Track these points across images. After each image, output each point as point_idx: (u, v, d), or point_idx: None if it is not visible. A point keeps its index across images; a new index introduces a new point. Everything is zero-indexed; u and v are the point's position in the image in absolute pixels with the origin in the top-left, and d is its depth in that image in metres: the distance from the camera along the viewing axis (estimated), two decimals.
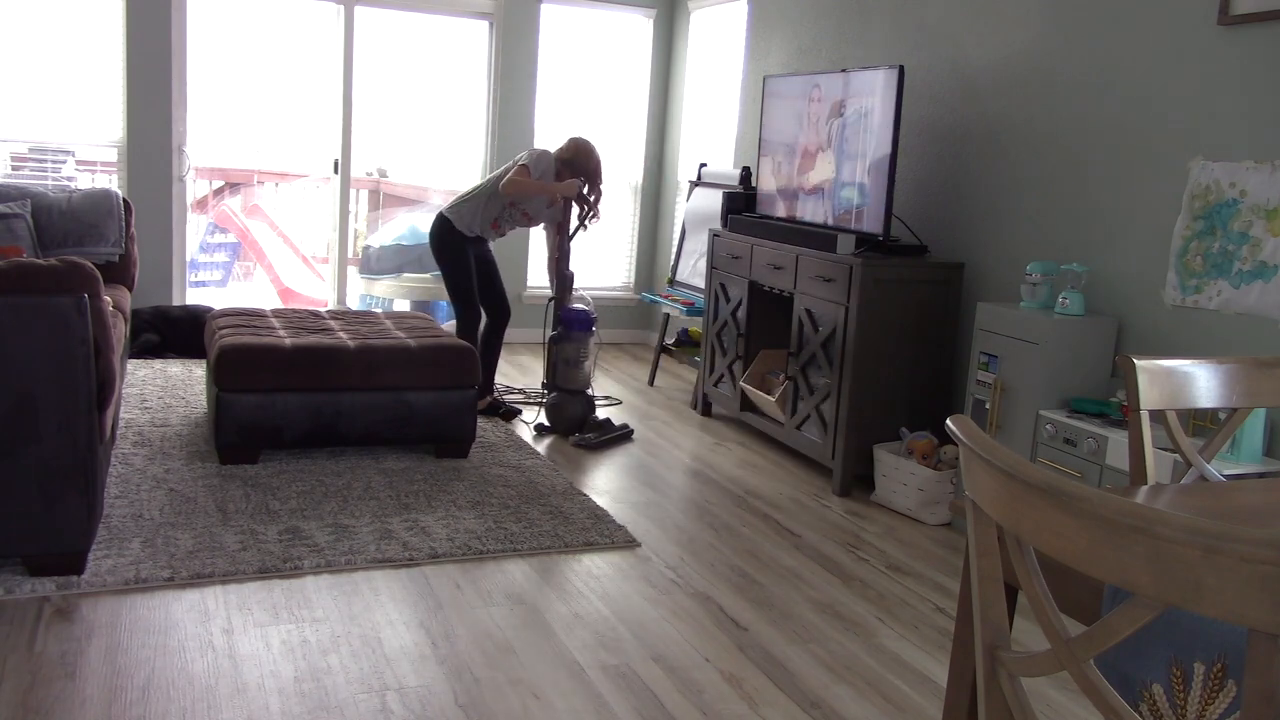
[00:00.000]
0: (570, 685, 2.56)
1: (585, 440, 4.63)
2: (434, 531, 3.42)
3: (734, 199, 5.38)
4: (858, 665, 2.78)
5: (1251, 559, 0.84)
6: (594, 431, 4.71)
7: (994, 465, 1.06)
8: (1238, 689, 1.12)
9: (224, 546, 3.17)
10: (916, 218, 4.61)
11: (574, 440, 4.66)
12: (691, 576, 3.28)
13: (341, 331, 4.38)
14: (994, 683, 1.15)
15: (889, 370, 4.20)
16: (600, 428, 4.73)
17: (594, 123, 6.99)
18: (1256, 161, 3.19)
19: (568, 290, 5.00)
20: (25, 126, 5.79)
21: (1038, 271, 3.73)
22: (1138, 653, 1.22)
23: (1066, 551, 0.99)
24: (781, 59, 5.70)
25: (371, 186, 7.59)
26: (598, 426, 4.74)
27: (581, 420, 4.77)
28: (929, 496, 3.96)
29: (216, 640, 2.63)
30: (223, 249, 7.80)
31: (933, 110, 4.56)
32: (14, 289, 2.69)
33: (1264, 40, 3.19)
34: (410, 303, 6.77)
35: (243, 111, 6.41)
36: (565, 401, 4.77)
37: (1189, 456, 2.00)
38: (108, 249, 4.97)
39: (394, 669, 2.56)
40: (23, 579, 2.85)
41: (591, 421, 4.77)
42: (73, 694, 2.35)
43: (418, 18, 6.51)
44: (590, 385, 4.84)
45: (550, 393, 4.83)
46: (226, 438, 3.90)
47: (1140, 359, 1.92)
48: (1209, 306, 3.32)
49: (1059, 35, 3.92)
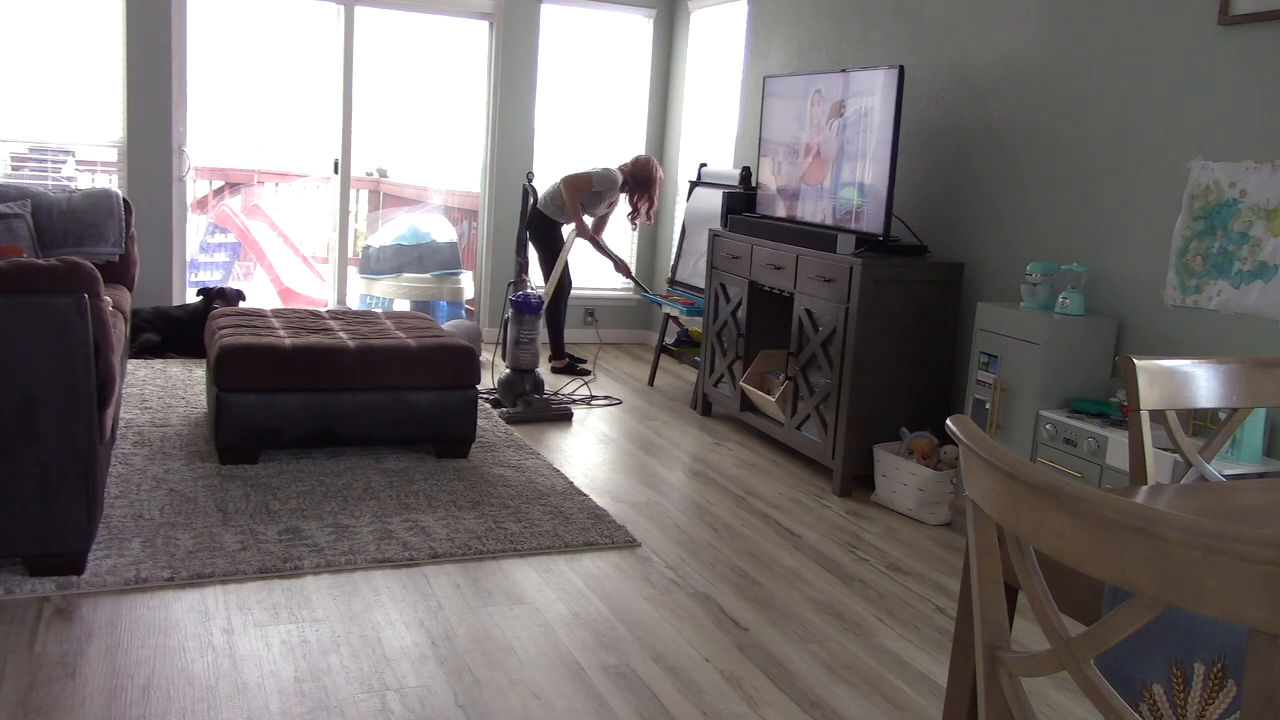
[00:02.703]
0: (570, 685, 2.56)
1: (510, 414, 4.98)
2: (434, 531, 3.42)
3: (734, 199, 5.38)
4: (858, 665, 2.78)
5: (1251, 559, 0.84)
6: (524, 407, 5.03)
7: (994, 465, 1.06)
8: (1238, 689, 1.12)
9: (224, 546, 3.17)
10: (916, 218, 4.61)
11: (500, 413, 5.01)
12: (691, 576, 3.28)
13: (341, 331, 4.38)
14: (994, 683, 1.15)
15: (889, 370, 4.20)
16: (531, 405, 5.02)
17: (594, 123, 7.00)
18: (1256, 161, 3.19)
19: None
20: (25, 126, 5.79)
21: (1038, 271, 3.73)
22: (1138, 653, 1.22)
23: (1066, 551, 0.99)
24: (781, 59, 5.70)
25: (371, 186, 7.60)
26: (529, 403, 5.03)
27: (522, 395, 5.10)
28: (929, 496, 3.96)
29: (216, 640, 2.63)
30: (223, 249, 7.80)
31: (933, 110, 4.56)
32: (14, 289, 2.69)
33: (1264, 40, 3.19)
34: (410, 303, 6.77)
35: (243, 111, 6.41)
36: (514, 380, 5.14)
37: (1189, 456, 2.00)
38: (108, 249, 4.97)
39: (394, 669, 2.56)
40: (23, 579, 2.85)
41: (526, 398, 5.05)
42: (73, 694, 2.35)
43: (418, 18, 6.51)
44: (535, 365, 5.17)
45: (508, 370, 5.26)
46: (226, 438, 3.90)
47: (1140, 359, 1.92)
48: (1209, 306, 3.32)
49: (1059, 35, 3.92)
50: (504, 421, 4.90)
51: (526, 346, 5.12)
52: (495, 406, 5.13)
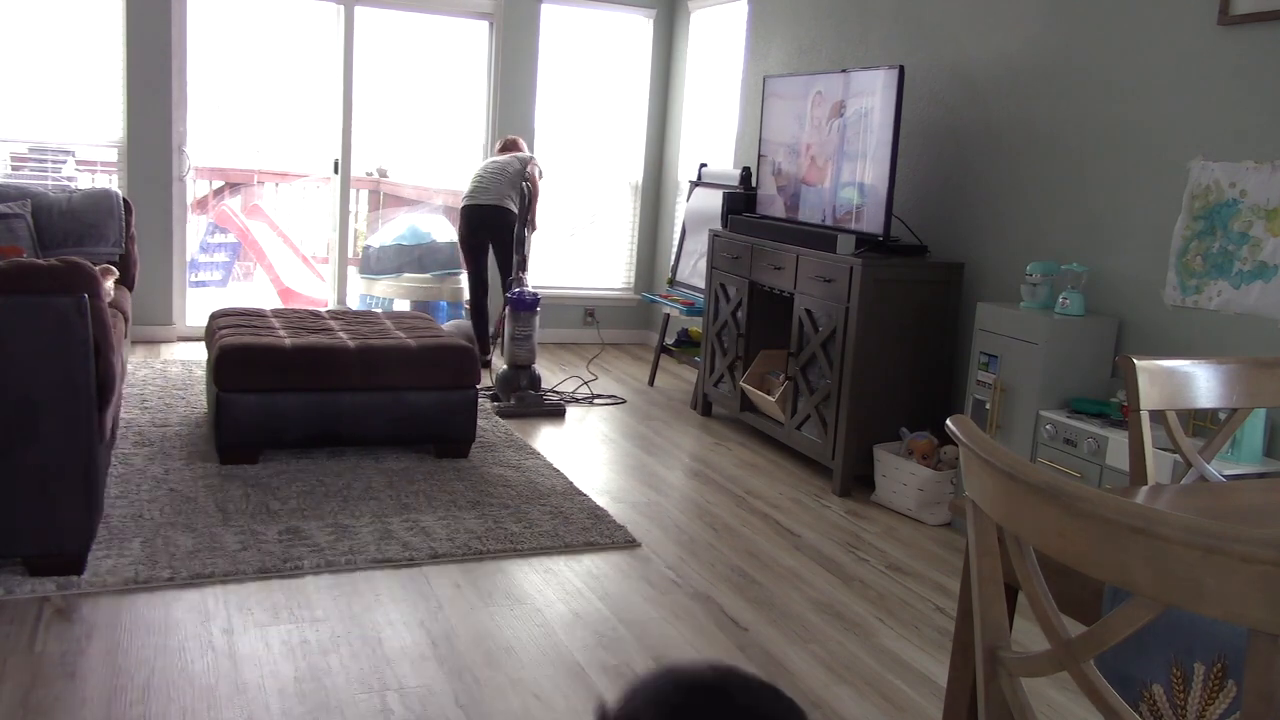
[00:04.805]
0: (570, 685, 2.56)
1: (503, 408, 5.03)
2: (434, 531, 3.42)
3: (734, 199, 5.38)
4: (858, 665, 2.78)
5: (1251, 559, 0.84)
6: (518, 402, 5.07)
7: (994, 465, 1.06)
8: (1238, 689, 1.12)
9: (224, 546, 3.17)
10: (916, 218, 4.61)
11: (493, 407, 5.06)
12: (691, 576, 3.28)
13: (341, 331, 4.38)
14: (994, 683, 1.16)
15: (889, 370, 4.20)
16: (524, 400, 5.08)
17: (594, 123, 7.00)
18: (1256, 161, 3.19)
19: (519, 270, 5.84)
20: (25, 126, 5.79)
21: (1038, 271, 3.73)
22: (1138, 653, 1.22)
23: (1066, 551, 0.99)
24: (781, 59, 5.70)
25: (371, 186, 7.60)
26: (522, 398, 5.08)
27: (517, 391, 5.14)
28: (929, 496, 3.96)
29: (216, 640, 2.63)
30: (223, 249, 7.81)
31: (933, 110, 4.56)
32: (14, 289, 2.69)
33: (1264, 40, 3.19)
34: (410, 303, 6.77)
35: (243, 111, 6.41)
36: (511, 375, 5.19)
37: (1189, 456, 2.00)
38: (108, 249, 4.97)
39: (394, 669, 2.56)
40: (23, 579, 2.85)
41: (520, 393, 5.11)
42: (73, 694, 2.35)
43: (418, 18, 6.51)
44: (532, 360, 5.21)
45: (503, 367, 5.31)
46: (226, 438, 3.90)
47: (1140, 359, 1.92)
48: (1209, 307, 3.32)
49: (1059, 35, 3.92)
50: (497, 415, 4.95)
51: (523, 343, 5.17)
52: (493, 401, 5.18)
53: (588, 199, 7.10)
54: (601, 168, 7.08)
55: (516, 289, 5.23)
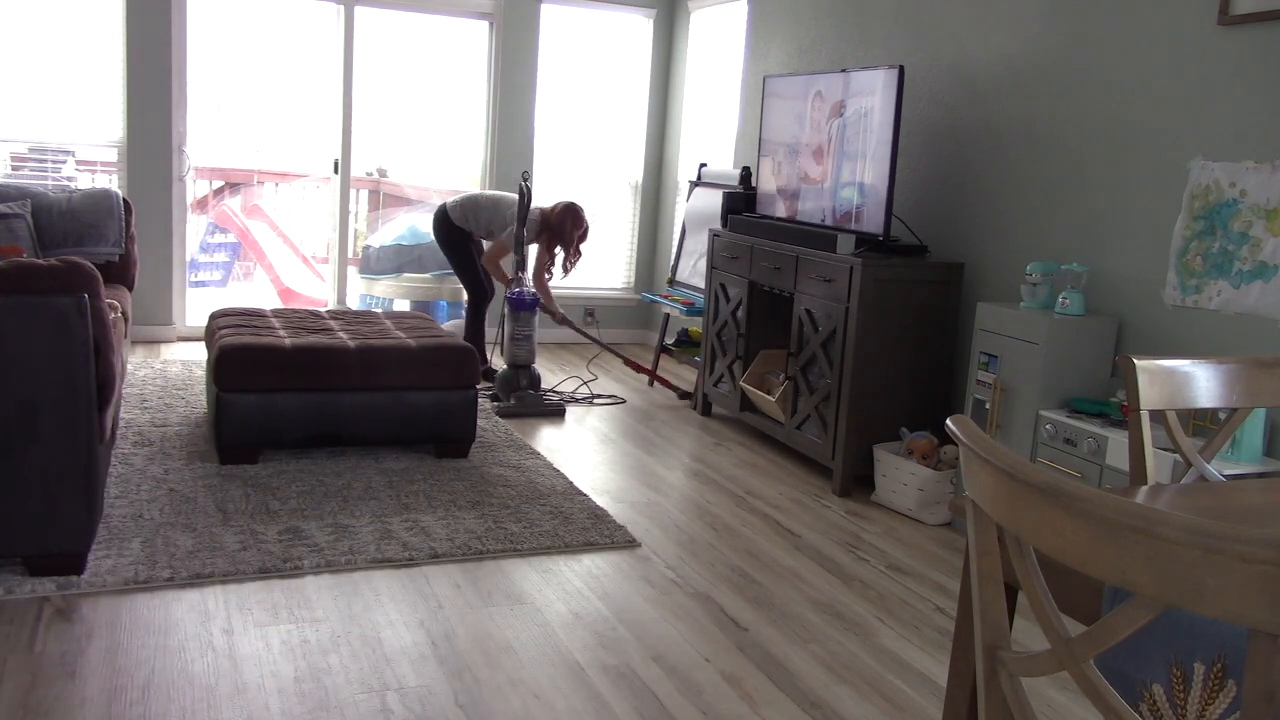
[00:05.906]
0: (570, 685, 2.56)
1: (502, 408, 5.05)
2: (434, 531, 3.42)
3: (734, 199, 5.37)
4: (858, 665, 2.78)
5: (1251, 559, 0.84)
6: (517, 401, 5.08)
7: (994, 465, 1.06)
8: (1238, 689, 1.12)
9: (224, 546, 3.17)
10: (916, 218, 4.61)
11: (493, 407, 5.08)
12: (691, 576, 3.28)
13: (341, 331, 4.38)
14: (994, 683, 1.15)
15: (889, 370, 4.20)
16: (524, 400, 5.09)
17: (594, 122, 7.00)
18: (1256, 161, 3.19)
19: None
20: (25, 126, 5.79)
21: (1038, 271, 3.73)
22: (1138, 653, 1.22)
23: (1066, 551, 0.99)
24: (781, 59, 5.70)
25: (371, 186, 7.60)
26: (521, 398, 5.10)
27: (516, 390, 5.15)
28: (929, 496, 3.96)
29: (216, 640, 2.63)
30: (223, 249, 7.81)
31: (933, 110, 4.56)
32: (14, 289, 2.69)
33: (1264, 40, 3.19)
34: (410, 303, 6.77)
35: (242, 111, 6.41)
36: (511, 375, 5.20)
37: (1189, 456, 2.00)
38: (108, 249, 4.97)
39: (394, 669, 2.56)
40: (23, 579, 2.85)
41: (519, 393, 5.12)
42: (73, 694, 2.35)
43: (418, 18, 6.51)
44: (531, 360, 5.22)
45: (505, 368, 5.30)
46: (226, 438, 3.90)
47: (1140, 359, 1.92)
48: (1209, 306, 3.32)
49: (1059, 35, 3.92)
50: (496, 415, 4.96)
51: (523, 343, 5.18)
52: (493, 401, 5.20)
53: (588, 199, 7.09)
54: (601, 167, 7.07)
55: (516, 289, 5.24)
